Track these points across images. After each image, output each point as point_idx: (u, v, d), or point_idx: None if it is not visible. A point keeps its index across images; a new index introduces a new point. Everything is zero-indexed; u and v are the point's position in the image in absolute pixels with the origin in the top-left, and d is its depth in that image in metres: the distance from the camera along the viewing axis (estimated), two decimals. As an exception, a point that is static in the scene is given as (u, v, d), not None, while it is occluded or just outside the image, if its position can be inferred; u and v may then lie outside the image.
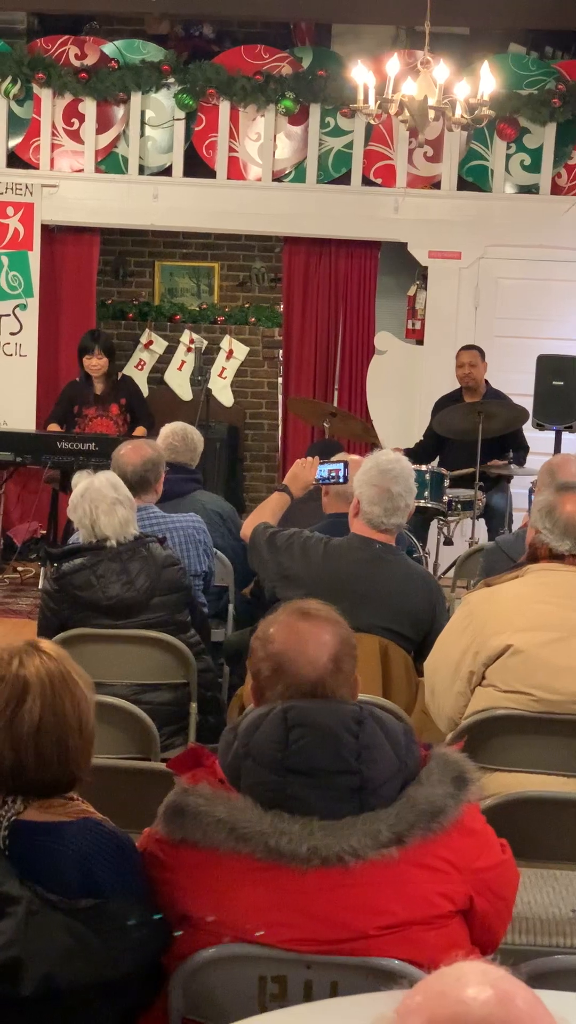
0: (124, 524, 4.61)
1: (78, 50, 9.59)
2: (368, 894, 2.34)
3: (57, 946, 2.22)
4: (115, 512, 4.61)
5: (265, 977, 2.35)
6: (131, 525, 4.64)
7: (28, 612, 8.29)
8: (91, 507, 4.63)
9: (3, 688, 2.37)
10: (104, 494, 4.65)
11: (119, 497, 4.65)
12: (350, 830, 2.33)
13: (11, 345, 9.63)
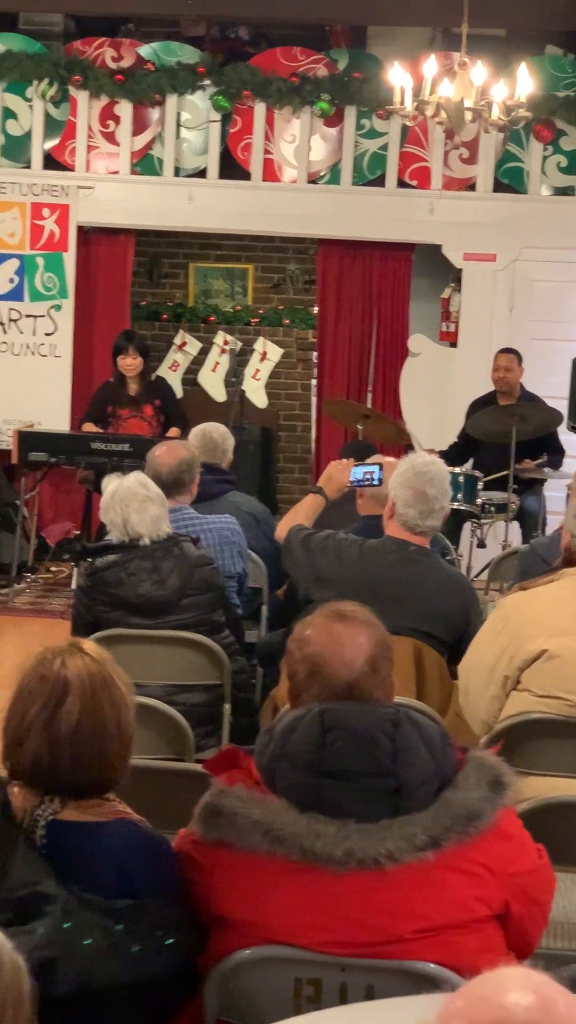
0: (156, 521, 4.62)
1: (114, 52, 9.61)
2: (403, 897, 2.34)
3: (93, 946, 2.22)
4: (146, 510, 4.61)
5: (300, 979, 2.35)
6: (163, 523, 4.64)
7: (61, 612, 8.31)
8: (122, 507, 4.64)
9: (44, 687, 2.38)
10: (135, 492, 4.66)
11: (149, 495, 4.66)
12: (386, 833, 2.33)
13: (46, 346, 9.66)
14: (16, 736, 2.37)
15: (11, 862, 2.28)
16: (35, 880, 2.26)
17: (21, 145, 9.72)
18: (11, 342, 9.65)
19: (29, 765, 2.36)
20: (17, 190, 9.56)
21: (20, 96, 9.64)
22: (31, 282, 9.60)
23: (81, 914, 2.24)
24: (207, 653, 4.59)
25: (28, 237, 9.58)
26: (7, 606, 8.54)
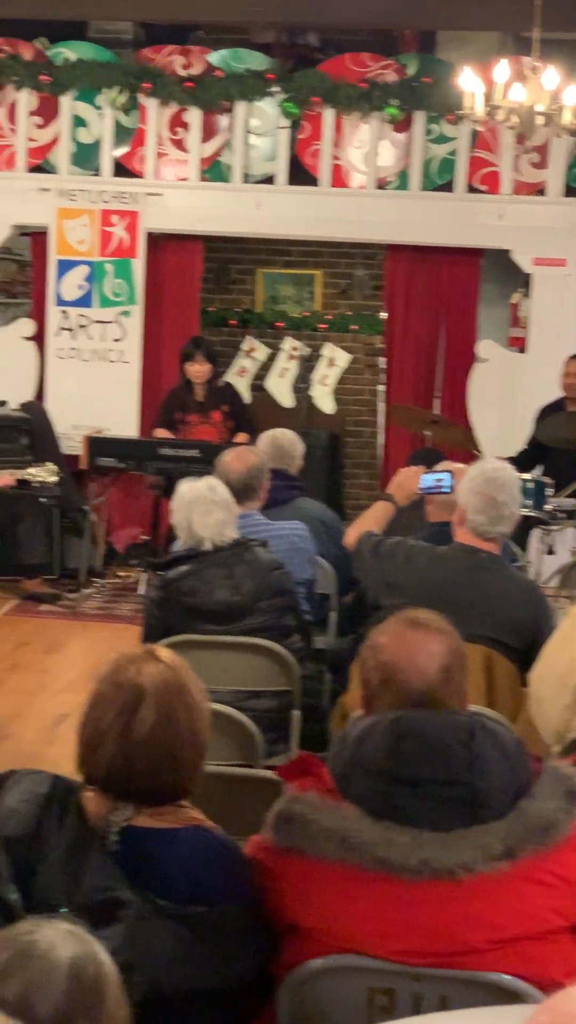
0: (219, 526, 4.63)
1: (184, 59, 9.65)
2: (478, 908, 2.32)
3: (166, 952, 2.23)
4: (211, 514, 4.63)
5: (374, 989, 2.34)
6: (227, 528, 4.64)
7: (129, 618, 8.33)
8: (188, 509, 4.66)
9: (119, 695, 2.38)
10: (202, 496, 4.68)
11: (215, 499, 4.67)
12: (461, 843, 2.31)
13: (114, 352, 9.70)
14: (91, 743, 2.38)
15: (85, 868, 2.28)
16: (109, 886, 2.26)
17: (91, 153, 9.77)
18: (80, 348, 9.70)
19: (104, 772, 2.36)
20: (87, 197, 9.61)
21: (90, 104, 9.69)
22: (100, 288, 9.65)
23: (154, 920, 2.24)
24: (276, 659, 4.59)
25: (98, 244, 9.63)
26: (75, 611, 8.58)
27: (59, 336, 9.73)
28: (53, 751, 5.98)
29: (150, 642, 4.55)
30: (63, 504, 9.18)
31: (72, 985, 1.59)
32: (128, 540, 9.61)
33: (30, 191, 9.68)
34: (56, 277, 9.69)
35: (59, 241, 9.66)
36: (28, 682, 7.15)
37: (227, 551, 4.60)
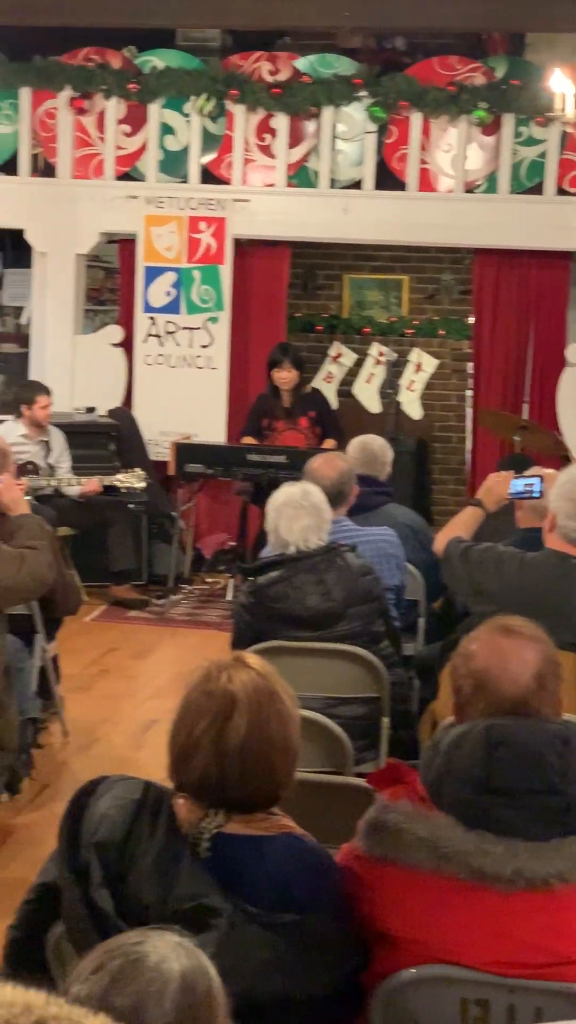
0: (305, 531, 4.61)
1: (271, 66, 9.66)
2: (572, 919, 2.28)
3: (257, 960, 2.21)
4: (297, 519, 4.62)
5: (467, 1000, 2.31)
6: (313, 533, 4.63)
7: (216, 624, 8.36)
8: (276, 514, 4.66)
9: (211, 703, 2.37)
10: (291, 501, 4.67)
11: (304, 504, 4.66)
12: (556, 853, 2.28)
13: (202, 358, 9.73)
14: (184, 751, 2.37)
15: (176, 874, 2.28)
16: (200, 893, 2.25)
17: (178, 160, 9.82)
18: (168, 354, 9.74)
19: (197, 780, 2.35)
20: (175, 204, 9.66)
21: (178, 112, 9.74)
22: (188, 295, 9.69)
23: (246, 928, 2.23)
24: (366, 665, 4.56)
25: (185, 250, 9.67)
26: (164, 617, 8.62)
27: (147, 343, 9.78)
28: (142, 756, 6.01)
29: (240, 647, 4.54)
30: (151, 510, 9.23)
31: (184, 998, 1.60)
32: (216, 546, 9.63)
33: (118, 199, 9.75)
34: (144, 284, 9.74)
35: (147, 248, 9.71)
36: (117, 687, 7.18)
37: (317, 557, 4.58)
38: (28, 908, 2.46)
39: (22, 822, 5.33)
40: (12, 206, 9.92)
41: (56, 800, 5.44)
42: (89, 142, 9.87)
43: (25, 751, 5.67)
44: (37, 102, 9.89)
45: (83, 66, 9.75)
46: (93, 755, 6.13)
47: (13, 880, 4.68)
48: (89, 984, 1.59)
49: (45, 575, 5.31)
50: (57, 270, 9.91)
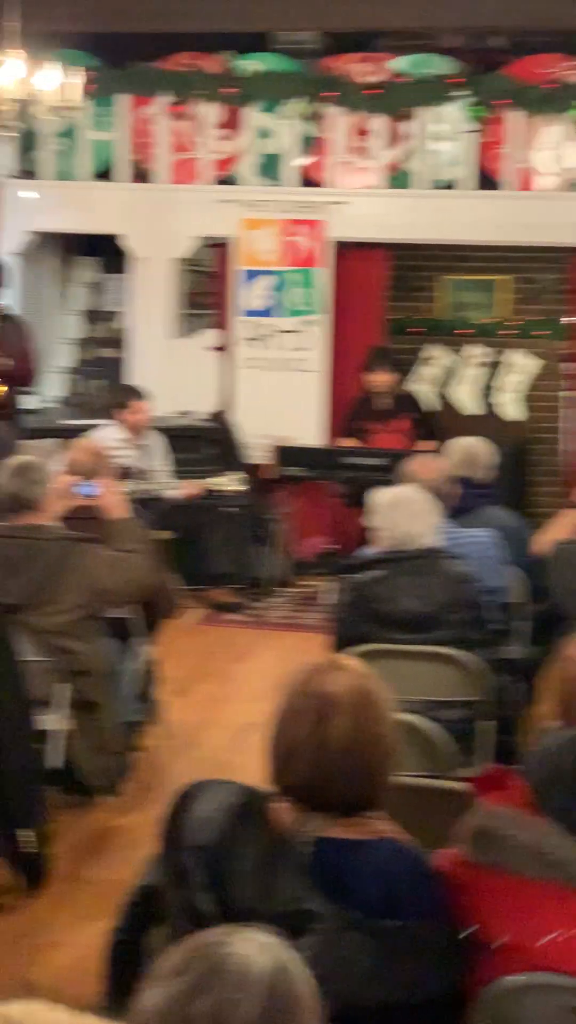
0: (422, 532, 4.58)
1: (367, 67, 9.64)
2: None
3: (359, 966, 2.19)
4: (416, 518, 4.59)
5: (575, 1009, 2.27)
6: (428, 536, 4.60)
7: (315, 626, 8.32)
8: (395, 512, 4.63)
9: (310, 705, 2.36)
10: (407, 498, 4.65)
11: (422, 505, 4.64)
12: None
13: (299, 361, 9.73)
14: (284, 755, 2.36)
15: (277, 879, 2.27)
16: (301, 897, 2.24)
17: (275, 163, 9.83)
18: (266, 358, 9.76)
19: (299, 783, 2.34)
20: (272, 208, 9.67)
21: (274, 115, 9.75)
22: (285, 298, 9.70)
23: (347, 933, 2.21)
24: (466, 669, 4.53)
25: (283, 254, 9.67)
26: (262, 620, 8.62)
27: (244, 346, 9.80)
28: (241, 760, 6.00)
29: (339, 647, 4.53)
30: (249, 513, 9.24)
31: (269, 1003, 1.53)
32: (314, 549, 9.62)
33: (215, 203, 9.78)
34: (241, 288, 9.76)
35: (244, 252, 9.74)
36: (215, 691, 7.20)
37: (419, 559, 4.56)
38: (130, 911, 2.47)
39: (123, 824, 5.35)
40: (110, 212, 10.00)
41: (157, 803, 5.43)
42: (186, 147, 9.92)
43: (125, 754, 5.70)
44: (136, 108, 9.96)
45: (180, 71, 9.80)
46: (193, 758, 6.15)
47: (114, 882, 4.69)
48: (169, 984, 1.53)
49: (144, 579, 5.34)
50: (154, 275, 9.97)
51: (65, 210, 10.11)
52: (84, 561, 5.13)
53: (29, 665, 4.76)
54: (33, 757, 4.62)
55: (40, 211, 10.07)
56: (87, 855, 5.04)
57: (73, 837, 5.17)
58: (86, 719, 5.28)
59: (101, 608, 5.29)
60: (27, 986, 1.63)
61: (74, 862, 4.96)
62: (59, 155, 10.17)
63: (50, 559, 5.09)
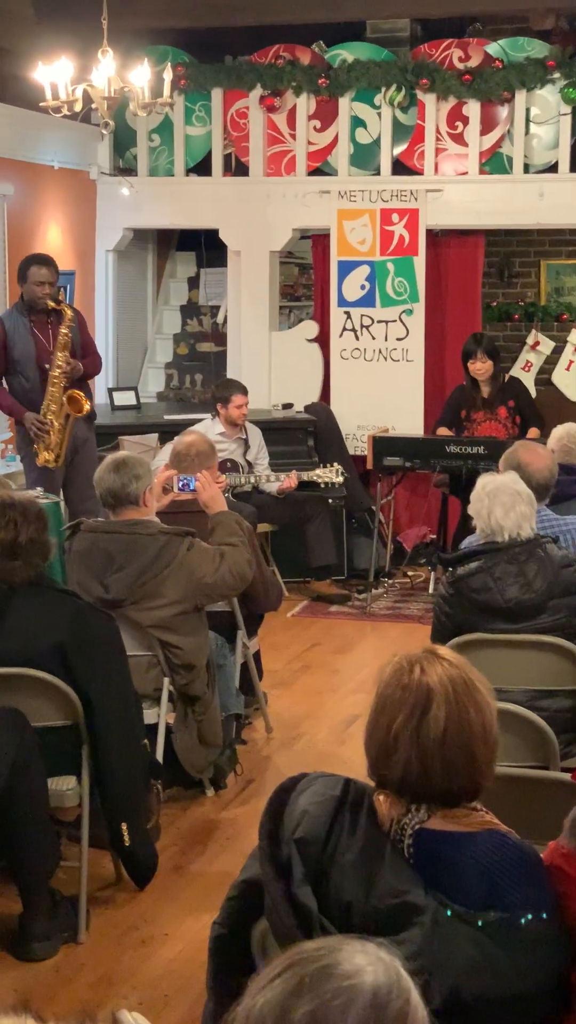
0: (520, 519, 4.53)
1: (462, 52, 9.56)
2: None
3: (463, 958, 2.17)
4: (514, 506, 4.54)
5: None
6: (527, 523, 4.54)
7: (419, 617, 8.30)
8: (490, 500, 4.58)
9: (407, 696, 2.33)
10: (506, 487, 4.59)
11: (520, 493, 4.58)
12: None
13: (398, 351, 9.69)
14: (383, 747, 2.34)
15: (379, 871, 2.25)
16: (404, 889, 2.22)
17: (370, 152, 9.79)
18: (364, 348, 9.73)
19: (400, 775, 2.32)
20: (367, 197, 9.63)
21: (368, 104, 9.71)
22: (382, 288, 9.65)
23: (451, 926, 2.19)
24: (570, 657, 4.46)
25: (378, 243, 9.63)
26: (365, 611, 8.60)
27: (342, 337, 9.78)
28: (345, 751, 5.99)
29: (439, 640, 4.50)
30: (350, 505, 9.22)
31: (371, 1016, 1.48)
32: (416, 539, 9.57)
33: (311, 194, 9.78)
34: (338, 278, 9.74)
35: (340, 242, 9.71)
36: (319, 682, 7.19)
37: (519, 548, 4.50)
38: (232, 904, 2.46)
39: (227, 817, 5.36)
40: (206, 206, 10.02)
41: (260, 796, 5.47)
42: (280, 139, 9.91)
43: (229, 747, 5.71)
44: (229, 102, 9.98)
45: (273, 64, 9.79)
46: (296, 751, 6.15)
47: (218, 875, 4.73)
48: (270, 989, 1.49)
49: (245, 572, 5.34)
50: (252, 268, 9.97)
51: (161, 205, 10.15)
52: (185, 556, 5.15)
53: (132, 659, 4.78)
54: (140, 753, 4.64)
55: (136, 207, 10.12)
56: (191, 848, 5.06)
57: (177, 830, 5.20)
58: (189, 713, 5.30)
59: (203, 602, 5.30)
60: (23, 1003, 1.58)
61: (179, 855, 4.98)
62: (153, 151, 10.22)
63: (151, 554, 5.11)
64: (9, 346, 7.78)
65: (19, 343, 7.78)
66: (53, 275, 7.84)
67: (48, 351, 7.78)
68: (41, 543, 4.38)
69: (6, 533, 4.30)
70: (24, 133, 9.08)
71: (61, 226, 9.72)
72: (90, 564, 5.15)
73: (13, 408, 7.82)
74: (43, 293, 7.76)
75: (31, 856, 4.23)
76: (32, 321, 7.82)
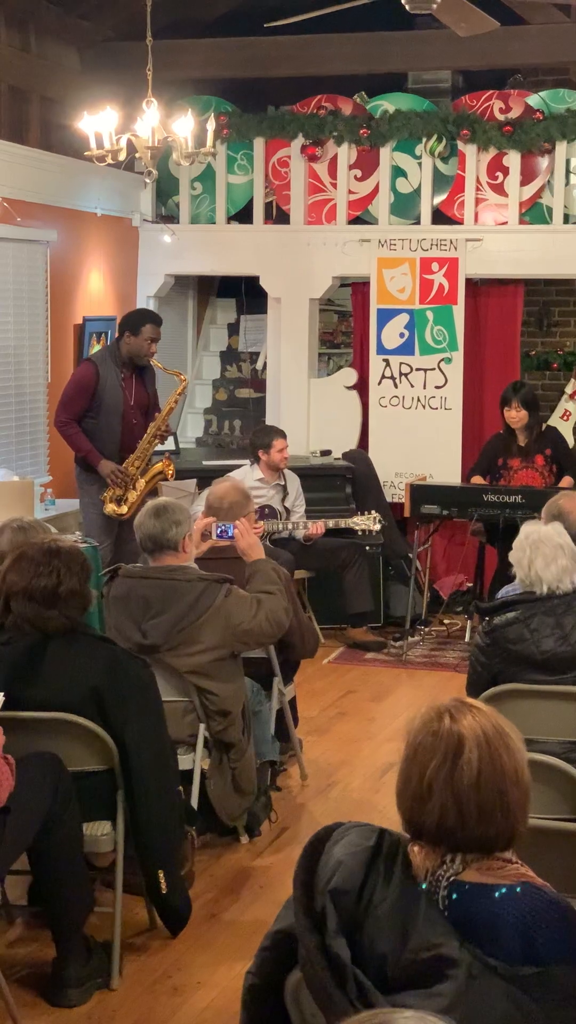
0: (561, 572, 4.53)
1: (502, 104, 9.62)
2: None
3: (498, 1013, 2.16)
4: (556, 560, 4.54)
5: None
6: (568, 577, 4.54)
7: (455, 665, 8.29)
8: (532, 550, 4.58)
9: (438, 743, 2.33)
10: (550, 540, 4.60)
11: (563, 544, 4.58)
12: None
13: (436, 399, 9.71)
14: (417, 795, 2.34)
15: (413, 923, 2.24)
16: (438, 942, 2.21)
17: (410, 202, 9.85)
18: (402, 396, 9.75)
19: (435, 823, 2.31)
20: (407, 246, 9.68)
21: (410, 154, 9.77)
22: (421, 336, 9.69)
23: (486, 980, 2.18)
24: (607, 710, 4.45)
25: (418, 292, 9.67)
26: (401, 659, 8.58)
27: (381, 385, 9.81)
28: (380, 799, 5.98)
29: (475, 690, 4.50)
30: (387, 552, 9.23)
31: None
32: (452, 587, 9.57)
33: (351, 243, 9.83)
34: (377, 326, 9.78)
35: (380, 290, 9.76)
36: (355, 730, 7.18)
37: (557, 599, 4.50)
38: (265, 955, 2.45)
39: (261, 865, 5.35)
40: (247, 253, 10.09)
41: (295, 843, 5.46)
42: (321, 188, 9.98)
43: (264, 794, 5.70)
44: (271, 151, 10.06)
45: (315, 114, 9.88)
46: (331, 798, 6.13)
47: (252, 923, 4.71)
48: None
49: (282, 619, 5.35)
50: (291, 315, 10.03)
51: (202, 253, 10.24)
52: (223, 602, 5.16)
53: (168, 705, 4.79)
54: (176, 799, 4.64)
55: (177, 254, 10.20)
56: (225, 896, 5.05)
57: (211, 878, 5.19)
58: (224, 759, 5.30)
59: (239, 649, 5.31)
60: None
61: (213, 903, 4.97)
62: (195, 199, 10.31)
63: (188, 600, 5.12)
64: (98, 392, 7.95)
65: (109, 392, 7.95)
66: (159, 334, 8.21)
67: (130, 405, 8.01)
68: (81, 595, 4.38)
69: (48, 581, 4.31)
70: (68, 181, 9.18)
71: (103, 272, 9.81)
72: (128, 609, 5.17)
73: (91, 454, 7.96)
74: (151, 351, 8.13)
75: (66, 901, 4.24)
76: (123, 374, 8.02)
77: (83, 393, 8.00)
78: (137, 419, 8.10)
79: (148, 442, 8.03)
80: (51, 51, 9.30)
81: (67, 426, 8.03)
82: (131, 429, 8.07)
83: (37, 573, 4.31)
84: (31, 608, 4.32)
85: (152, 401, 8.27)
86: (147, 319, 8.17)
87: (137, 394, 8.12)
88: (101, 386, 7.98)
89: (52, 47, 9.31)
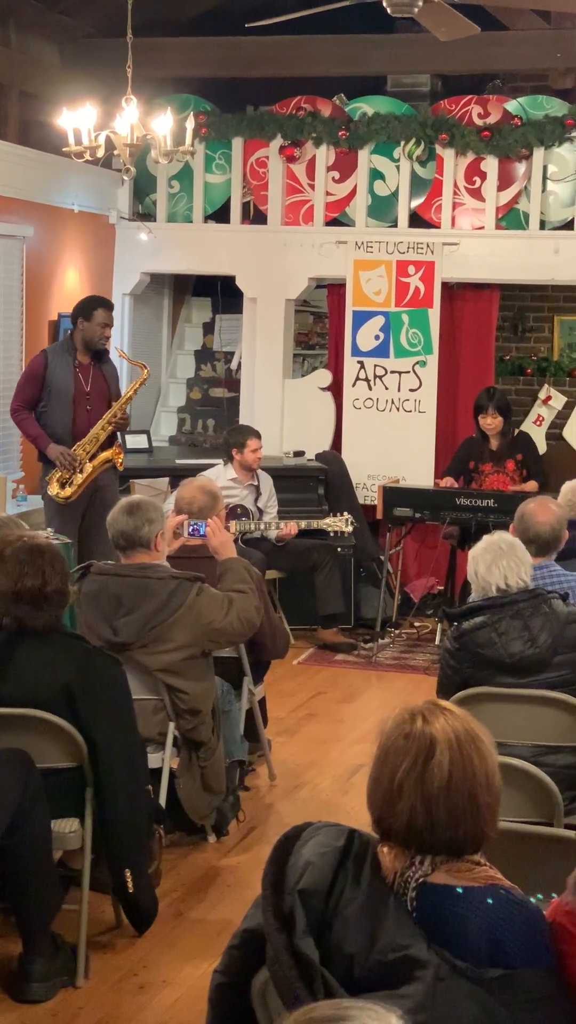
0: (505, 572, 4.56)
1: (481, 109, 9.64)
2: None
3: (464, 1014, 2.16)
4: (496, 562, 4.59)
5: None
6: (512, 574, 4.58)
7: (424, 668, 8.31)
8: (474, 562, 4.66)
9: (410, 745, 2.34)
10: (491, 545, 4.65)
11: (502, 546, 4.63)
12: None
13: (410, 402, 9.73)
14: (387, 796, 2.34)
15: (381, 924, 2.25)
16: (406, 944, 2.22)
17: (387, 205, 9.86)
18: (376, 398, 9.77)
19: (405, 824, 2.31)
20: (383, 248, 9.69)
21: (387, 157, 9.79)
22: (396, 339, 9.70)
23: (453, 981, 2.18)
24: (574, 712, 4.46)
25: (394, 294, 9.69)
26: (371, 661, 8.59)
27: (355, 387, 9.82)
28: (348, 801, 5.98)
29: (446, 692, 4.51)
30: (359, 554, 9.24)
31: None
32: (424, 590, 9.59)
33: (327, 244, 9.84)
34: (352, 328, 9.79)
35: (356, 292, 9.77)
36: (324, 731, 7.18)
37: (523, 603, 4.52)
38: (233, 954, 2.45)
39: (228, 864, 5.35)
40: (224, 253, 10.09)
41: (262, 843, 5.46)
42: (299, 189, 9.99)
43: (232, 794, 5.70)
44: (249, 151, 10.07)
45: (294, 115, 9.88)
46: (300, 799, 6.14)
47: (219, 922, 4.72)
48: None
49: (253, 618, 5.35)
50: (267, 315, 10.03)
51: (178, 251, 10.23)
52: (194, 601, 5.16)
53: (138, 703, 4.79)
54: (145, 797, 4.63)
55: (154, 252, 10.20)
56: (192, 895, 5.05)
57: (178, 876, 5.19)
58: (193, 758, 5.29)
59: (210, 647, 5.31)
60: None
61: (179, 902, 4.97)
62: (173, 197, 10.31)
63: (160, 598, 5.12)
64: (47, 379, 7.93)
65: (58, 378, 7.93)
66: (112, 319, 8.20)
67: (84, 393, 7.97)
68: (64, 594, 4.39)
69: (34, 581, 4.30)
70: (46, 176, 9.16)
71: (79, 268, 9.79)
72: (99, 607, 5.16)
73: (39, 438, 7.94)
74: (105, 335, 8.11)
75: (33, 897, 4.22)
76: (77, 361, 7.99)
77: (31, 380, 8.02)
78: (93, 406, 8.06)
79: (101, 428, 7.98)
80: (31, 46, 9.28)
81: (17, 412, 8.06)
82: (86, 416, 8.04)
83: (23, 573, 4.29)
84: (20, 609, 4.30)
85: (113, 391, 8.23)
86: (98, 304, 8.15)
87: (95, 382, 8.08)
88: (50, 372, 7.97)
89: (32, 42, 9.30)
